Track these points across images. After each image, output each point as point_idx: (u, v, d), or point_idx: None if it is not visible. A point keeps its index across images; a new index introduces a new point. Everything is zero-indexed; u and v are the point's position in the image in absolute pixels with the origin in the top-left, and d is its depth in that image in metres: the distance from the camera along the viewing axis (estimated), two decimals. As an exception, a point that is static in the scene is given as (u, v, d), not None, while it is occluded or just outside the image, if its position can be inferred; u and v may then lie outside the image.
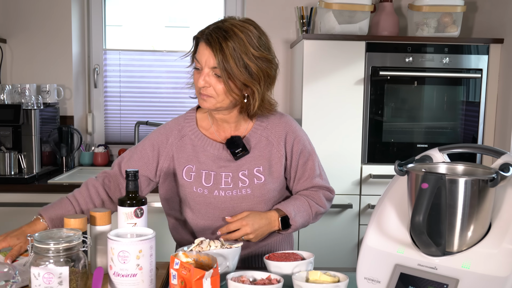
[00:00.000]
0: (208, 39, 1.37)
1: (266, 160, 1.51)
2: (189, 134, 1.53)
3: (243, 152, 1.48)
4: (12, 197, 2.59)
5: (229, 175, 1.49)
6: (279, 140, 1.53)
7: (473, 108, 2.78)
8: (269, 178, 1.50)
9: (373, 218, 1.22)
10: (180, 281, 1.08)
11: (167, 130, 1.55)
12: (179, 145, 1.52)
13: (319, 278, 1.15)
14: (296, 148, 1.55)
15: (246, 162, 1.50)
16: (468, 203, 1.05)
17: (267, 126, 1.54)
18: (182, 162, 1.51)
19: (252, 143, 1.52)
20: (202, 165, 1.50)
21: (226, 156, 1.50)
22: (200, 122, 1.56)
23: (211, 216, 1.50)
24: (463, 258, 1.06)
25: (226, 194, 1.48)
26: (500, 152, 1.15)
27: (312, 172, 1.58)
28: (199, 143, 1.52)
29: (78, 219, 1.29)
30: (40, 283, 1.12)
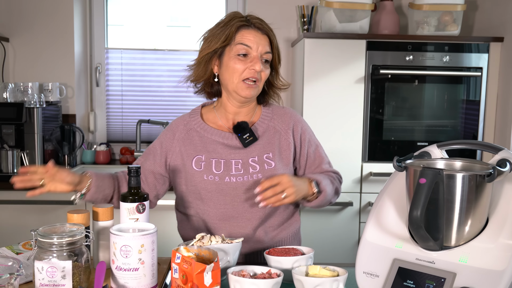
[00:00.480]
0: (260, 27, 1.49)
1: (275, 147, 1.54)
2: (195, 127, 1.57)
3: (251, 138, 1.51)
4: (15, 195, 2.60)
5: (239, 161, 1.51)
6: (286, 129, 1.57)
7: (473, 107, 2.79)
8: (280, 164, 1.52)
9: (372, 213, 1.23)
10: (181, 275, 1.10)
11: (173, 127, 1.59)
12: (186, 138, 1.55)
13: (319, 273, 1.17)
14: (303, 136, 1.59)
15: (255, 149, 1.52)
16: (466, 198, 1.07)
17: (273, 116, 1.59)
18: (191, 153, 1.53)
19: (260, 131, 1.56)
20: (211, 154, 1.52)
21: (235, 144, 1.52)
22: (205, 116, 1.60)
23: (223, 204, 1.50)
24: (460, 252, 1.08)
25: (237, 180, 1.49)
26: (498, 148, 1.17)
27: (321, 159, 1.61)
28: (206, 134, 1.54)
29: (81, 214, 1.31)
30: (43, 277, 1.14)
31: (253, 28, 1.48)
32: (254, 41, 1.47)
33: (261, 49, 1.47)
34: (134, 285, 1.18)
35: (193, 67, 1.57)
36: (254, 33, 1.48)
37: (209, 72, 1.54)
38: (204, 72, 1.54)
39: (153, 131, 3.35)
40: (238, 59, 1.47)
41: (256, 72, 1.47)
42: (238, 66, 1.46)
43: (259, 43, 1.47)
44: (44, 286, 1.14)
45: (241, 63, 1.47)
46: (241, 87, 1.48)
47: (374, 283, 1.13)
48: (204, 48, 1.51)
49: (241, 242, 1.31)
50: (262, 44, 1.47)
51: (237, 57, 1.47)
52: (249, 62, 1.47)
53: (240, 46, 1.46)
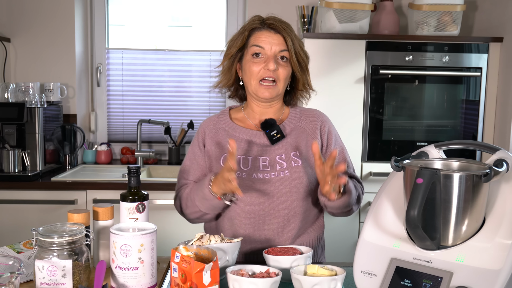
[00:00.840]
0: (273, 27, 1.50)
1: (302, 146, 1.55)
2: (224, 126, 1.59)
3: (278, 135, 1.52)
4: (16, 195, 2.62)
5: (266, 158, 1.52)
6: (314, 129, 1.58)
7: (473, 107, 2.80)
8: (306, 162, 1.53)
9: (370, 213, 1.24)
10: (180, 274, 1.11)
11: (203, 127, 1.62)
12: (215, 137, 1.58)
13: (317, 272, 1.18)
14: (330, 137, 1.59)
15: (282, 147, 1.53)
16: (463, 198, 1.08)
17: (300, 117, 1.60)
18: (220, 152, 1.55)
19: (288, 130, 1.57)
20: (239, 151, 1.53)
21: (263, 142, 1.54)
22: (234, 116, 1.63)
23: (249, 201, 1.49)
24: (457, 251, 1.09)
25: (265, 176, 1.50)
26: (495, 148, 1.17)
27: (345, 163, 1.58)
28: (234, 133, 1.56)
29: (81, 214, 1.32)
30: (44, 276, 1.15)
31: (266, 28, 1.50)
32: (267, 41, 1.49)
33: (275, 48, 1.49)
34: (134, 284, 1.19)
35: (219, 74, 1.61)
36: (266, 33, 1.50)
37: (233, 77, 1.58)
38: (229, 78, 1.58)
39: (154, 131, 3.36)
40: (253, 61, 1.50)
41: (270, 72, 1.48)
42: (253, 67, 1.49)
43: (272, 42, 1.48)
44: (45, 285, 1.16)
45: (256, 65, 1.49)
46: (259, 89, 1.51)
47: (372, 282, 1.14)
48: (226, 54, 1.56)
49: (240, 241, 1.32)
50: (275, 43, 1.49)
51: (252, 59, 1.50)
52: (264, 62, 1.49)
53: (253, 48, 1.50)
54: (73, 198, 2.64)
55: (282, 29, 1.50)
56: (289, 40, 1.49)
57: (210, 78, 3.37)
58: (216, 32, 3.37)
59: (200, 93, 3.39)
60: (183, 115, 3.38)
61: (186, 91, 3.40)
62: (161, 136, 3.34)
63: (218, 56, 3.34)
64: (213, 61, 3.35)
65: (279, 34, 1.50)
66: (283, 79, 1.51)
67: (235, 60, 1.56)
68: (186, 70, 3.38)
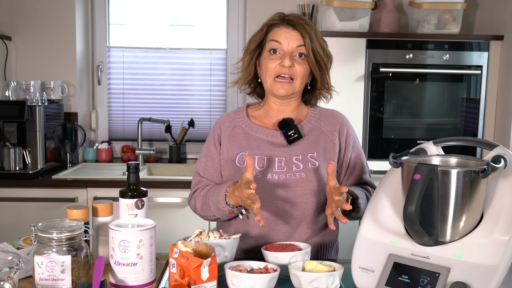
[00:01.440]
0: (291, 23, 1.47)
1: (320, 148, 1.52)
2: (240, 124, 1.57)
3: (296, 135, 1.50)
4: (17, 192, 2.63)
5: (282, 159, 1.49)
6: (332, 130, 1.55)
7: (473, 105, 2.80)
8: (323, 164, 1.50)
9: (368, 209, 1.24)
10: (179, 269, 1.11)
11: (219, 123, 1.60)
12: (231, 134, 1.56)
13: (315, 268, 1.18)
14: (348, 140, 1.56)
15: (300, 148, 1.51)
16: (460, 194, 1.08)
17: (320, 118, 1.57)
18: (235, 150, 1.53)
19: (306, 131, 1.54)
20: (255, 150, 1.51)
21: (280, 142, 1.51)
22: (251, 114, 1.60)
23: (263, 202, 1.47)
24: (455, 247, 1.09)
25: (280, 177, 1.48)
26: (493, 145, 1.18)
27: (362, 168, 1.58)
28: (251, 131, 1.54)
29: (81, 210, 1.33)
30: (43, 271, 1.16)
31: (284, 25, 1.48)
32: (285, 37, 1.46)
33: (292, 44, 1.46)
34: (133, 279, 1.19)
35: (238, 71, 1.59)
36: (284, 29, 1.47)
37: (251, 73, 1.56)
38: (248, 74, 1.56)
39: (155, 129, 3.37)
40: (269, 58, 1.48)
41: (286, 68, 1.45)
42: (269, 64, 1.47)
43: (289, 38, 1.46)
44: (44, 281, 1.16)
45: (272, 61, 1.47)
46: (275, 86, 1.48)
47: (370, 278, 1.14)
48: (245, 50, 1.54)
49: (238, 238, 1.33)
50: (292, 39, 1.45)
51: (269, 55, 1.48)
52: (280, 58, 1.46)
53: (271, 43, 1.47)
54: (74, 196, 2.64)
55: (300, 26, 1.46)
56: (306, 37, 1.45)
57: (210, 76, 3.38)
58: (217, 31, 3.37)
59: (201, 92, 3.39)
60: (184, 114, 3.39)
61: (187, 90, 3.41)
62: (161, 135, 3.35)
63: (219, 55, 3.35)
64: (214, 59, 3.36)
65: (297, 30, 1.46)
66: (299, 77, 1.48)
67: (254, 56, 1.53)
68: (187, 69, 3.38)
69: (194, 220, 2.66)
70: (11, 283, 1.04)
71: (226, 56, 3.34)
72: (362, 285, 1.14)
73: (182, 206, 2.67)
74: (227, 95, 3.39)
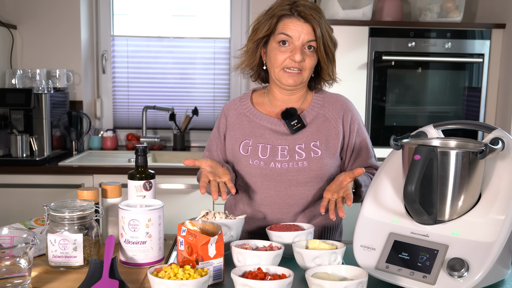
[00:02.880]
0: (303, 15, 1.43)
1: (323, 136, 1.53)
2: (245, 112, 1.58)
3: (299, 124, 1.51)
4: (24, 179, 2.67)
5: (285, 147, 1.51)
6: (336, 117, 1.55)
7: (475, 93, 2.83)
8: (326, 153, 1.52)
9: (370, 190, 1.28)
10: (187, 246, 1.15)
11: (225, 111, 1.62)
12: (236, 122, 1.58)
13: (318, 246, 1.22)
14: (353, 126, 1.57)
15: (303, 136, 1.52)
16: (459, 174, 1.11)
17: (324, 104, 1.57)
18: (239, 137, 1.56)
19: (309, 119, 1.55)
20: (259, 139, 1.53)
21: (283, 130, 1.53)
22: (255, 101, 1.61)
23: (266, 189, 1.51)
24: (453, 226, 1.13)
25: (282, 166, 1.51)
26: (491, 128, 1.21)
27: (367, 152, 1.59)
28: (255, 119, 1.56)
29: (91, 191, 1.37)
30: (56, 249, 1.20)
31: (295, 16, 1.44)
32: (296, 30, 1.43)
33: (303, 38, 1.44)
34: (142, 257, 1.23)
35: (242, 55, 1.57)
36: (296, 22, 1.44)
37: (256, 60, 1.54)
38: (252, 60, 1.54)
39: (159, 117, 3.40)
40: (279, 50, 1.45)
41: (296, 62, 1.44)
42: (279, 56, 1.45)
43: (301, 31, 1.43)
44: (57, 258, 1.20)
45: (281, 53, 1.45)
46: (283, 76, 1.47)
47: (371, 256, 1.18)
48: (251, 38, 1.52)
49: (244, 218, 1.37)
50: (304, 33, 1.43)
51: (279, 47, 1.45)
52: (290, 51, 1.44)
53: (281, 36, 1.44)
54: (80, 183, 2.69)
55: (312, 18, 1.43)
56: (318, 30, 1.43)
57: (214, 65, 3.40)
58: (220, 20, 3.40)
59: (204, 80, 3.43)
60: (188, 102, 3.42)
61: (191, 78, 3.44)
62: (166, 123, 3.38)
63: (222, 44, 3.38)
64: (217, 48, 3.38)
65: (308, 23, 1.43)
66: (308, 69, 1.48)
67: (261, 44, 1.51)
68: (191, 57, 3.41)
69: (197, 205, 2.71)
70: (26, 259, 1.08)
71: (230, 45, 3.37)
72: (363, 263, 1.18)
73: (186, 193, 2.71)
74: (231, 84, 3.42)
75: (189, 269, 1.03)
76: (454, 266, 1.06)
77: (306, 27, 1.44)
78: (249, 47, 1.53)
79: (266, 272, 1.06)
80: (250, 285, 0.98)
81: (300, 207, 1.53)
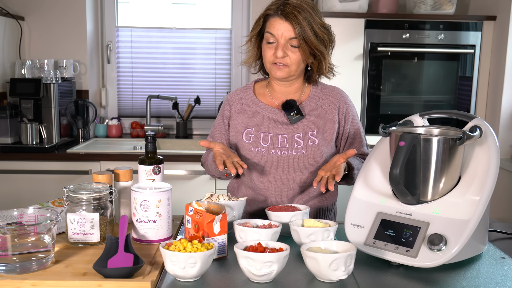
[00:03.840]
0: (284, 14, 1.54)
1: (320, 126, 1.66)
2: (248, 101, 1.71)
3: (298, 115, 1.64)
4: (34, 165, 2.79)
5: (285, 136, 1.65)
6: (332, 108, 1.68)
7: (467, 82, 2.94)
8: (322, 141, 1.65)
9: (360, 174, 1.40)
10: (193, 224, 1.28)
11: (229, 100, 1.75)
12: (239, 111, 1.70)
13: (313, 224, 1.34)
14: (348, 117, 1.70)
15: (301, 126, 1.65)
16: (440, 159, 1.23)
17: (321, 96, 1.69)
18: (242, 126, 1.68)
19: (307, 109, 1.67)
20: (261, 128, 1.66)
21: (283, 120, 1.66)
22: (258, 91, 1.73)
23: (267, 174, 1.65)
24: (434, 205, 1.25)
25: (282, 153, 1.64)
26: (471, 117, 1.33)
27: (360, 141, 1.73)
28: (258, 109, 1.69)
29: (105, 175, 1.49)
30: (75, 227, 1.32)
31: (278, 15, 1.54)
32: (278, 28, 1.54)
33: (285, 35, 1.54)
34: (153, 235, 1.36)
35: (248, 49, 1.70)
36: (278, 20, 1.55)
37: (257, 53, 1.67)
38: (253, 56, 1.68)
39: (162, 106, 3.52)
40: (267, 46, 1.58)
41: (279, 58, 1.56)
42: (267, 52, 1.59)
43: (282, 30, 1.54)
44: (76, 235, 1.33)
45: (269, 50, 1.58)
46: (273, 69, 1.60)
47: (360, 233, 1.31)
48: (249, 35, 1.66)
49: (245, 200, 1.49)
50: (285, 31, 1.54)
51: (267, 44, 1.58)
52: (275, 48, 1.57)
53: (267, 35, 1.58)
54: (88, 169, 2.80)
55: (293, 17, 1.52)
56: (297, 28, 1.52)
57: (215, 55, 3.51)
58: (220, 9, 3.50)
59: (206, 70, 3.53)
60: (190, 91, 3.53)
61: (193, 68, 3.55)
62: (169, 111, 3.50)
63: (223, 34, 3.48)
64: (218, 38, 3.49)
65: (288, 22, 1.53)
66: (293, 63, 1.58)
67: (256, 42, 1.65)
68: (193, 48, 3.52)
69: (198, 190, 2.84)
70: (50, 235, 1.21)
71: (231, 35, 3.47)
72: (353, 239, 1.31)
73: (189, 179, 2.83)
74: (232, 73, 3.52)
75: (197, 244, 1.16)
76: (433, 241, 1.18)
77: (286, 25, 1.54)
78: (248, 45, 1.67)
79: (266, 246, 1.18)
80: (251, 257, 1.11)
81: (297, 191, 1.66)
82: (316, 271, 1.13)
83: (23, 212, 1.27)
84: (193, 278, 1.13)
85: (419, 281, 1.16)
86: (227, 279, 1.17)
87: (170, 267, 1.13)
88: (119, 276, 1.13)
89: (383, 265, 1.25)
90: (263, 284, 1.13)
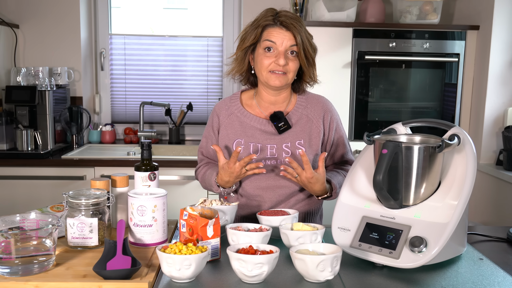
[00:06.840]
0: (284, 24, 1.63)
1: (306, 135, 1.74)
2: (235, 112, 1.77)
3: (285, 126, 1.72)
4: (29, 171, 2.84)
5: (273, 146, 1.72)
6: (318, 117, 1.75)
7: (452, 90, 3.03)
8: (309, 150, 1.72)
9: (346, 180, 1.48)
10: (188, 228, 1.34)
11: (216, 110, 1.81)
12: (228, 122, 1.77)
13: (302, 228, 1.41)
14: (332, 125, 1.78)
15: (289, 136, 1.73)
16: (421, 165, 1.31)
17: (306, 105, 1.77)
18: (232, 136, 1.75)
19: (294, 119, 1.75)
20: (250, 138, 1.73)
21: (271, 130, 1.73)
22: (245, 102, 1.80)
23: (257, 181, 1.71)
24: (415, 210, 1.32)
25: (271, 163, 1.71)
26: (450, 125, 1.41)
27: (344, 147, 1.81)
28: (246, 120, 1.75)
29: (102, 181, 1.55)
30: (74, 231, 1.38)
31: (278, 25, 1.63)
32: (279, 37, 1.62)
33: (286, 44, 1.62)
34: (149, 238, 1.42)
35: (232, 62, 1.77)
36: (278, 30, 1.63)
37: (245, 66, 1.74)
38: (241, 67, 1.74)
39: (155, 112, 3.58)
40: (265, 55, 1.64)
41: (280, 66, 1.62)
42: (265, 61, 1.65)
43: (283, 38, 1.62)
44: (75, 239, 1.39)
45: (267, 58, 1.63)
46: (270, 78, 1.66)
47: (346, 236, 1.38)
48: (239, 46, 1.72)
49: (237, 205, 1.55)
50: (286, 39, 1.62)
51: (265, 53, 1.64)
52: (274, 56, 1.63)
53: (266, 42, 1.64)
54: (82, 174, 2.86)
55: (293, 27, 1.62)
56: (298, 37, 1.62)
57: (207, 62, 3.58)
58: (212, 15, 3.56)
59: (198, 76, 3.60)
60: (183, 97, 3.60)
61: (185, 75, 3.61)
62: (161, 118, 3.56)
63: (215, 42, 3.55)
64: (210, 46, 3.56)
65: (290, 31, 1.62)
66: (292, 71, 1.66)
67: (248, 52, 1.71)
68: (185, 55, 3.59)
69: (191, 195, 2.90)
70: (51, 239, 1.27)
71: (222, 43, 3.55)
72: (340, 242, 1.38)
73: (181, 184, 2.90)
74: (223, 80, 3.60)
75: (192, 246, 1.22)
76: (414, 243, 1.26)
77: (288, 34, 1.63)
78: (238, 55, 1.72)
79: (257, 249, 1.25)
80: (243, 259, 1.17)
81: (286, 196, 1.74)
82: (304, 272, 1.20)
83: (25, 217, 1.33)
84: (188, 279, 1.20)
85: (402, 281, 1.24)
86: (220, 280, 1.23)
87: (166, 269, 1.19)
88: (118, 278, 1.19)
89: (368, 266, 1.32)
90: (254, 284, 1.20)
